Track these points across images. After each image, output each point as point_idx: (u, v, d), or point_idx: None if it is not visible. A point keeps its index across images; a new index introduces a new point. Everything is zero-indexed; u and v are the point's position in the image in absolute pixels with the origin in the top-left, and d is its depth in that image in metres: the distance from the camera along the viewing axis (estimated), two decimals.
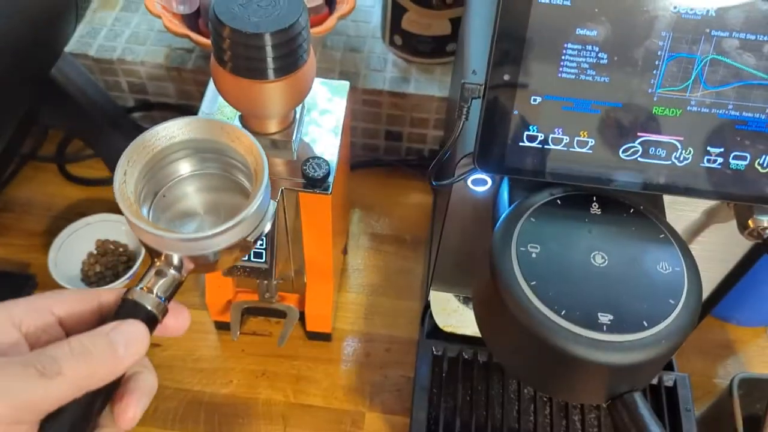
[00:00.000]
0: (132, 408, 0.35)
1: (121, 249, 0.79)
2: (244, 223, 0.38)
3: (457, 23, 0.79)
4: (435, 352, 0.65)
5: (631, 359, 0.41)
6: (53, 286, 0.74)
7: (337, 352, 0.75)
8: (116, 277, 0.76)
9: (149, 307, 0.36)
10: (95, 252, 0.78)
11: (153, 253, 0.39)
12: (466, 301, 0.67)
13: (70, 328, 0.35)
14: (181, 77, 0.84)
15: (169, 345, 0.75)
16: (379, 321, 0.78)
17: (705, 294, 0.63)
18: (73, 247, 0.77)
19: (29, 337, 0.34)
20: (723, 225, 0.53)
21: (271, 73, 0.52)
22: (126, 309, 0.36)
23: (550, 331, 0.41)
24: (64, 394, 0.31)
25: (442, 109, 0.84)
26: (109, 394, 0.35)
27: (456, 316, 0.66)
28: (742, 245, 0.55)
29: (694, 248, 0.56)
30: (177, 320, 0.39)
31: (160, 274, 0.38)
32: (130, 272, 0.75)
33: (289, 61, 0.53)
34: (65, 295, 0.36)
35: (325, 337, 0.75)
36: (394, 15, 0.80)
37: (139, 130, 0.89)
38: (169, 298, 0.38)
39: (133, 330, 0.34)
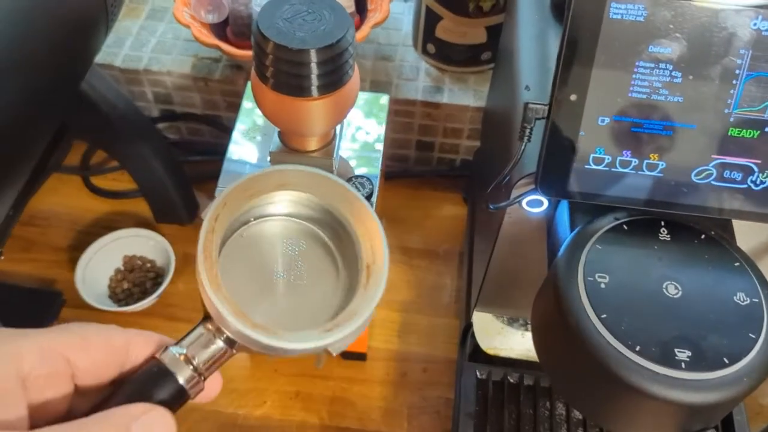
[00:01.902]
0: None
1: (148, 265, 0.76)
2: (345, 337, 0.32)
3: (493, 31, 0.76)
4: (479, 376, 0.63)
5: (712, 398, 0.38)
6: (81, 304, 0.72)
7: (372, 372, 0.73)
8: (144, 294, 0.74)
9: (181, 382, 0.30)
10: (122, 268, 0.76)
11: (207, 314, 0.32)
12: (510, 321, 0.65)
13: (82, 381, 0.29)
14: (207, 87, 0.82)
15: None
16: (415, 339, 0.76)
17: None
18: (100, 264, 0.75)
19: (31, 389, 0.27)
20: None
21: (315, 90, 0.50)
22: (152, 377, 0.30)
23: (624, 369, 0.39)
24: None
25: (476, 119, 0.81)
26: None
27: (500, 338, 0.64)
28: None
29: (763, 268, 0.54)
30: (207, 389, 0.32)
31: (206, 340, 0.32)
32: (160, 289, 0.72)
33: (335, 78, 0.50)
34: (90, 343, 0.29)
35: (360, 357, 0.73)
36: (428, 23, 0.78)
37: (166, 140, 0.88)
38: (208, 375, 0.31)
39: (153, 420, 0.28)
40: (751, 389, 0.39)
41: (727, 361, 0.39)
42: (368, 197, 0.55)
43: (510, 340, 0.64)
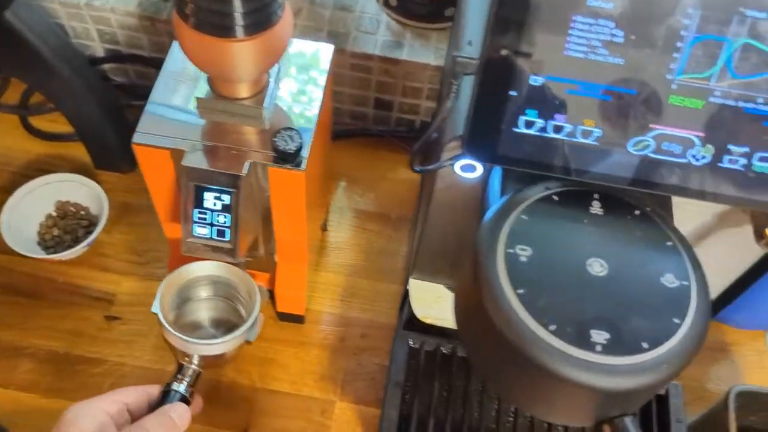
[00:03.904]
0: None
1: (82, 212, 0.73)
2: (241, 336, 0.58)
3: None
4: (412, 345, 0.60)
5: (627, 385, 0.36)
6: (6, 249, 0.68)
7: (309, 335, 0.71)
8: (75, 242, 0.71)
9: (184, 393, 0.54)
10: (54, 214, 0.72)
11: (180, 355, 0.57)
12: (448, 290, 0.62)
13: (132, 412, 0.51)
14: (154, 28, 0.77)
15: (129, 319, 0.70)
16: (358, 304, 0.73)
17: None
18: (29, 208, 0.71)
19: (114, 420, 0.49)
20: (734, 230, 0.48)
21: (240, 30, 0.46)
22: (170, 396, 0.53)
23: (536, 348, 0.36)
24: None
25: (436, 79, 0.77)
26: None
27: (436, 306, 0.61)
28: (754, 252, 0.50)
29: (701, 252, 0.51)
30: (195, 404, 0.55)
31: (186, 369, 0.55)
32: (90, 238, 0.69)
33: (261, 17, 0.46)
34: (131, 392, 0.52)
35: (298, 319, 0.70)
36: None
37: (107, 82, 0.83)
38: (194, 385, 0.55)
39: (180, 408, 0.52)
40: (670, 377, 0.37)
41: (645, 346, 0.36)
42: (297, 151, 0.51)
43: (446, 310, 0.61)
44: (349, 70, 0.79)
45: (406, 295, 0.64)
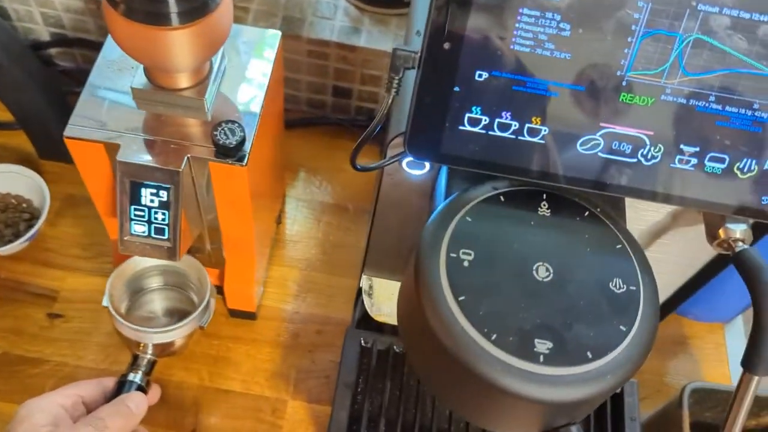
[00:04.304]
0: None
1: (24, 205, 0.70)
2: (192, 322, 0.58)
3: None
4: (364, 344, 0.59)
5: (569, 396, 0.34)
6: None
7: (262, 332, 0.69)
8: (17, 236, 0.67)
9: (140, 382, 0.54)
10: None
11: (133, 346, 0.57)
12: None
13: (87, 405, 0.52)
14: (100, 11, 0.73)
15: (73, 316, 0.67)
16: (313, 299, 0.71)
17: (665, 296, 0.57)
18: None
19: (69, 413, 0.49)
20: (689, 229, 0.46)
21: (174, 18, 0.43)
22: (126, 386, 0.54)
23: (477, 358, 0.34)
24: None
25: None
26: None
27: (390, 304, 0.59)
28: (708, 251, 0.48)
29: (655, 251, 0.50)
30: (152, 394, 0.56)
31: (141, 359, 0.56)
32: (31, 232, 0.66)
33: (197, 2, 0.44)
34: (86, 385, 0.52)
35: (250, 316, 0.68)
36: None
37: (51, 68, 0.79)
38: (150, 374, 0.56)
39: (137, 397, 0.53)
40: (615, 387, 0.35)
41: (590, 356, 0.35)
42: (239, 145, 0.49)
43: None
44: (306, 57, 0.76)
45: (360, 292, 0.62)
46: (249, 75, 0.54)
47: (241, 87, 0.54)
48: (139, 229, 0.50)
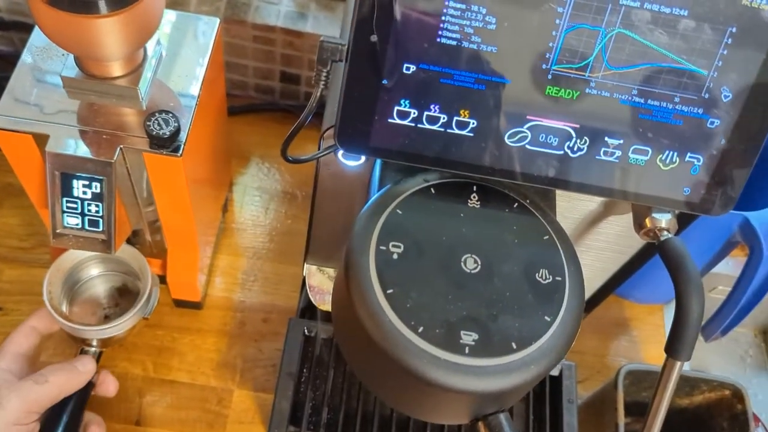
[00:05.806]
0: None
1: None
2: (135, 314, 0.57)
3: None
4: (307, 333, 0.59)
5: (495, 386, 0.35)
6: None
7: (208, 321, 0.68)
8: None
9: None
10: None
11: (78, 341, 0.57)
12: None
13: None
14: None
15: (12, 309, 0.65)
16: (260, 287, 0.71)
17: (602, 281, 0.58)
18: None
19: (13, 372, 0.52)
20: (622, 217, 0.47)
21: (102, 5, 0.42)
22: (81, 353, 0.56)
23: (404, 351, 0.35)
24: (52, 393, 0.50)
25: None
26: (83, 399, 0.54)
27: None
28: (639, 238, 0.50)
29: (592, 238, 0.51)
30: (110, 384, 0.57)
31: (86, 353, 0.56)
32: None
33: None
34: (17, 335, 0.55)
35: (195, 306, 0.67)
36: None
37: None
38: (98, 362, 0.56)
39: (86, 359, 0.55)
40: (540, 375, 0.36)
41: (514, 346, 0.35)
42: (173, 136, 0.48)
43: None
44: (252, 42, 0.75)
45: (304, 282, 0.62)
46: (186, 62, 0.53)
47: (178, 75, 0.53)
48: (72, 221, 0.49)
